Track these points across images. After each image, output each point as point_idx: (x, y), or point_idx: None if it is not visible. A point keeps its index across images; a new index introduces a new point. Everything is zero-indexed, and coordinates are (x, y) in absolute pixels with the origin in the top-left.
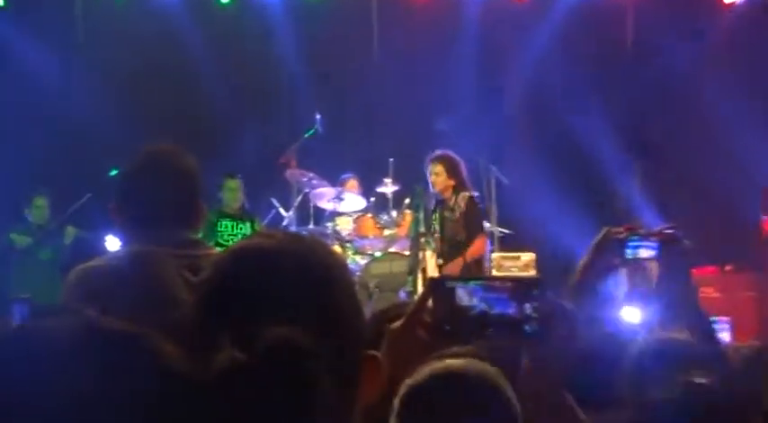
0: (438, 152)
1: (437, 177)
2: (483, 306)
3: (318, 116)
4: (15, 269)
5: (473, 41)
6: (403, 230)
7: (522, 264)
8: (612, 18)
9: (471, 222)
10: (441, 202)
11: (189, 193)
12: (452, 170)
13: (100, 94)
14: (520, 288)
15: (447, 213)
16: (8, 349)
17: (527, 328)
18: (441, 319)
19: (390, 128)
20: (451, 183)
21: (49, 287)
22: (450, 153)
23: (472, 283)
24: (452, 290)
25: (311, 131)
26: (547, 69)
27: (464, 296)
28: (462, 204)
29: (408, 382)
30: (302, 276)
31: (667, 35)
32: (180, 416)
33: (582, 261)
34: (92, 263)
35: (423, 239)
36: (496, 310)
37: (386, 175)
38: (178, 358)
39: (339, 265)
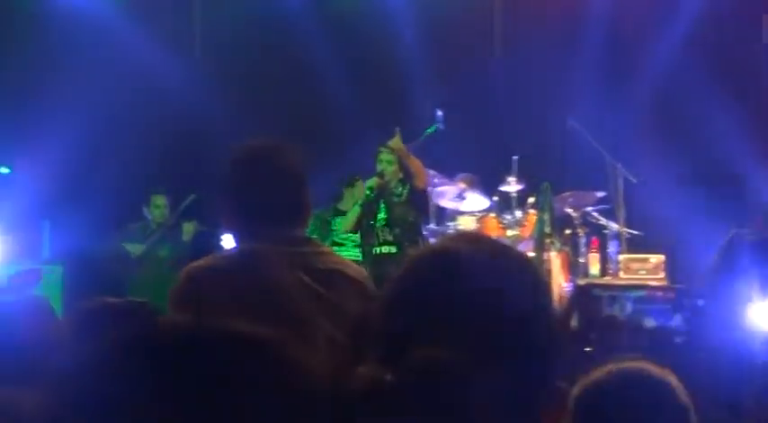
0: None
1: (389, 166)
2: (635, 316)
3: (440, 113)
4: (134, 268)
5: (600, 34)
6: (527, 231)
7: (650, 266)
8: (748, 14)
9: (418, 203)
10: (384, 191)
11: (296, 190)
12: (403, 162)
13: (217, 94)
14: (671, 299)
15: (395, 199)
16: (133, 352)
17: (677, 339)
18: (586, 328)
19: (514, 124)
20: (400, 175)
21: (167, 285)
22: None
23: (624, 293)
24: (599, 298)
25: (432, 128)
26: (678, 64)
27: (613, 305)
28: (408, 189)
29: (583, 382)
30: (503, 296)
31: None
32: None
33: (711, 263)
34: (200, 262)
35: (548, 240)
36: (649, 322)
37: (509, 174)
38: (315, 370)
39: (544, 288)
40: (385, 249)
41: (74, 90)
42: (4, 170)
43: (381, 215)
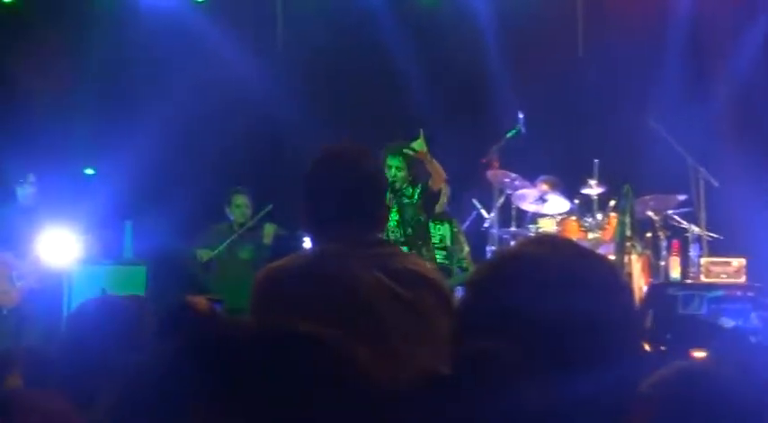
0: (398, 146)
1: (399, 172)
2: (710, 315)
3: (521, 115)
4: (215, 270)
5: (683, 36)
6: (608, 234)
7: (732, 269)
8: None
9: (428, 203)
10: (396, 192)
11: (375, 194)
12: (412, 166)
13: (299, 95)
14: (749, 297)
15: (405, 199)
16: (193, 352)
17: (753, 339)
18: (661, 327)
19: (595, 127)
20: (410, 179)
21: (247, 286)
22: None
23: (700, 292)
24: (675, 297)
25: (514, 131)
26: (761, 65)
27: (689, 304)
28: (419, 190)
29: (651, 380)
30: (580, 299)
31: None
32: None
33: None
34: (279, 262)
35: (628, 243)
36: (725, 321)
37: (591, 177)
38: (372, 366)
39: (625, 291)
40: None
41: (156, 91)
42: (89, 171)
43: (392, 216)
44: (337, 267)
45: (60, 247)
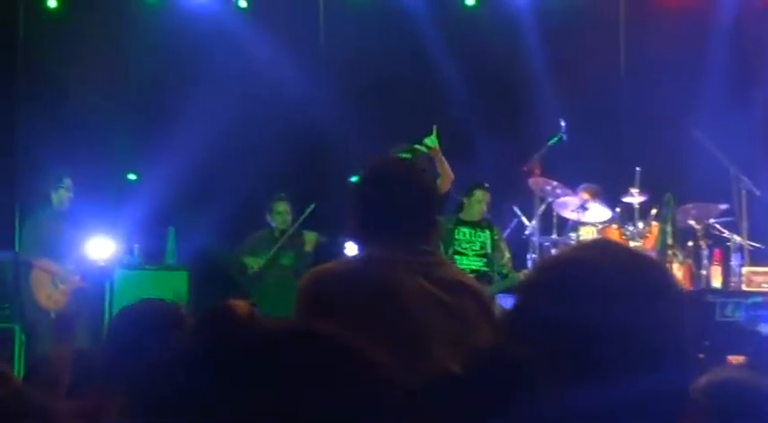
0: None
1: None
2: (748, 321)
3: (563, 123)
4: (255, 275)
5: (725, 42)
6: (649, 242)
7: None
8: None
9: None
10: None
11: (426, 207)
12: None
13: (341, 101)
14: None
15: None
16: (208, 352)
17: None
18: (699, 334)
19: (637, 135)
20: None
21: (288, 292)
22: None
23: (738, 299)
24: (713, 304)
25: (556, 139)
26: None
27: (726, 311)
28: None
29: (694, 385)
30: (630, 303)
31: None
32: None
33: None
34: (326, 265)
35: (670, 252)
36: (763, 328)
37: (632, 185)
38: (386, 367)
39: (677, 296)
40: None
41: (200, 98)
42: (132, 176)
43: None
44: (382, 271)
45: (103, 252)
